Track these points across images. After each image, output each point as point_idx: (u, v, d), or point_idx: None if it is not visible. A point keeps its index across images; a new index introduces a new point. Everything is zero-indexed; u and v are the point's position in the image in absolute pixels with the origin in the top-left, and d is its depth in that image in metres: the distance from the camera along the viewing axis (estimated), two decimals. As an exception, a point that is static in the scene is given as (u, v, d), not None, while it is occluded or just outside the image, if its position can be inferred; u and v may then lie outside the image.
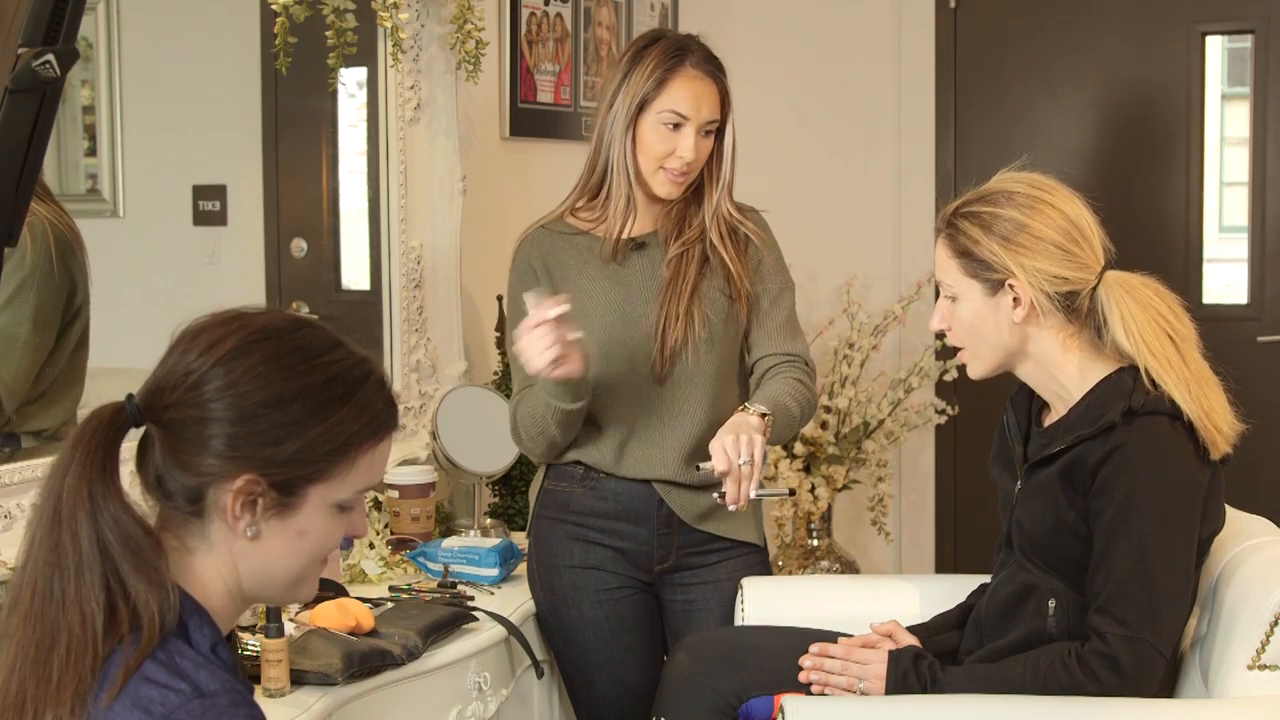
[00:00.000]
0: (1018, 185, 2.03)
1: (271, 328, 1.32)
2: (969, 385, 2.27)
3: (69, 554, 1.23)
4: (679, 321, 2.39)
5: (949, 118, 4.45)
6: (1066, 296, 1.99)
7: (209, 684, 1.22)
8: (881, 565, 4.54)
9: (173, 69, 2.82)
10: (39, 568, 1.24)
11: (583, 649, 2.48)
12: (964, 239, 2.03)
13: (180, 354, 1.30)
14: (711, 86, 2.40)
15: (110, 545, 1.24)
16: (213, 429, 1.27)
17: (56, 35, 1.67)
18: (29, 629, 1.23)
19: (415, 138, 3.07)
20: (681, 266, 2.42)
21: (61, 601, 1.23)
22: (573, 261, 2.46)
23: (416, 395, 3.09)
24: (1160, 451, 1.92)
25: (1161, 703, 1.95)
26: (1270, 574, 1.93)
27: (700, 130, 2.38)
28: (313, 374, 1.30)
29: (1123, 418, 1.93)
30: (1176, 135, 4.25)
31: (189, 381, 1.28)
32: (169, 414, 1.28)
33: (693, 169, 2.41)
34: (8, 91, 1.66)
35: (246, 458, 1.28)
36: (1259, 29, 4.17)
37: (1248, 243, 4.22)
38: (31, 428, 2.40)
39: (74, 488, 1.24)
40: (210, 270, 2.92)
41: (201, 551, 1.31)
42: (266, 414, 1.28)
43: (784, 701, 1.94)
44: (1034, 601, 2.04)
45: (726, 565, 2.47)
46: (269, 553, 1.32)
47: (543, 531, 2.51)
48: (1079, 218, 2.01)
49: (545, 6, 3.61)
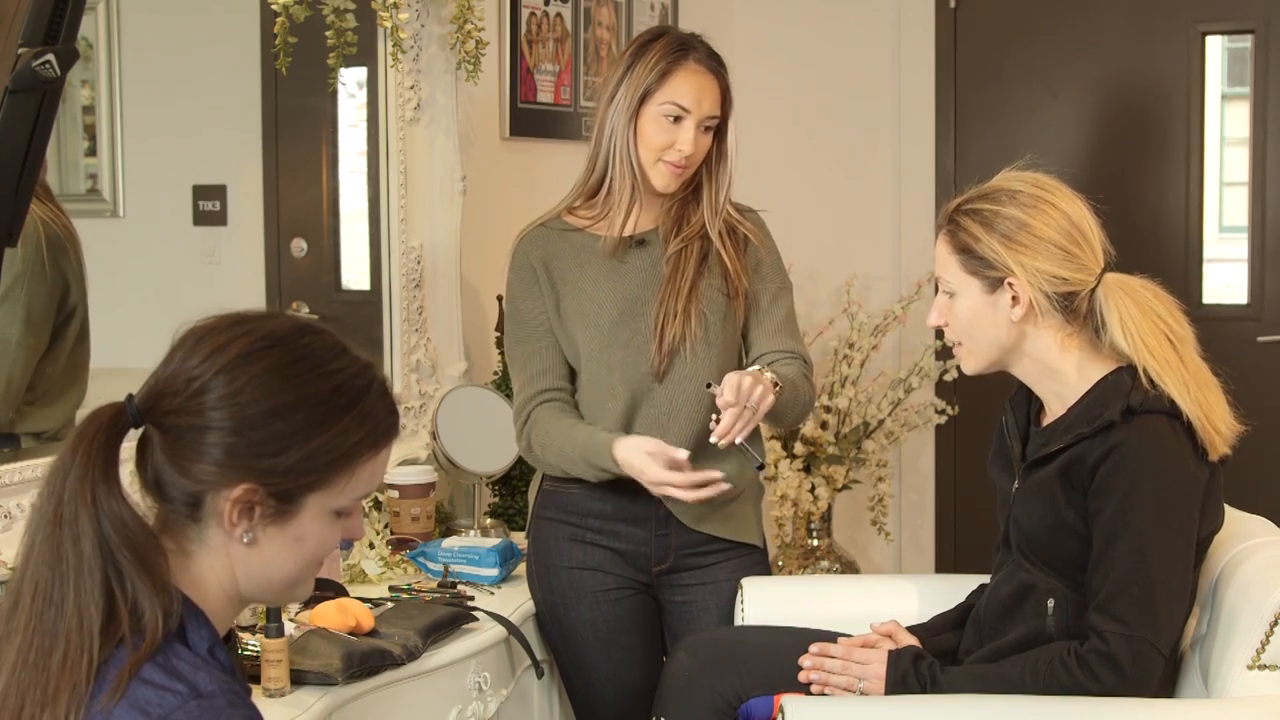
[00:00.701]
0: (1021, 184, 2.03)
1: (276, 335, 1.31)
2: (969, 385, 2.27)
3: (69, 556, 1.23)
4: (676, 319, 2.39)
5: (949, 118, 4.45)
6: (1065, 297, 1.99)
7: (207, 685, 1.21)
8: (881, 565, 4.54)
9: (173, 69, 2.82)
10: (39, 570, 1.24)
11: (581, 650, 2.48)
12: (965, 235, 2.03)
13: (183, 358, 1.29)
14: (713, 82, 2.41)
15: (113, 546, 1.23)
16: (212, 437, 1.26)
17: (56, 35, 1.67)
18: (29, 632, 1.23)
19: (415, 138, 3.07)
20: (680, 264, 2.42)
21: (61, 604, 1.22)
22: (572, 259, 2.46)
23: (416, 395, 3.09)
24: (1159, 450, 1.93)
25: (1161, 703, 1.95)
26: (1270, 574, 1.93)
27: (700, 125, 2.39)
28: (316, 383, 1.30)
29: (1122, 416, 1.94)
30: (1176, 135, 4.25)
31: (191, 388, 1.27)
32: (170, 419, 1.28)
33: (691, 163, 2.41)
34: (8, 91, 1.66)
35: (246, 467, 1.27)
36: (1259, 29, 4.17)
37: (1248, 243, 4.22)
38: (31, 429, 2.40)
39: (76, 489, 1.24)
40: (210, 270, 2.92)
41: (199, 554, 1.31)
42: (268, 424, 1.27)
43: (784, 701, 1.93)
44: (1032, 601, 2.04)
45: (725, 566, 2.47)
46: (266, 558, 1.31)
47: (541, 532, 2.51)
48: (1080, 219, 2.01)
49: (545, 6, 3.61)
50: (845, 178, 4.51)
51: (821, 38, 4.53)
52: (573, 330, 2.45)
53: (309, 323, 1.37)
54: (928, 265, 4.43)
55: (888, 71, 4.49)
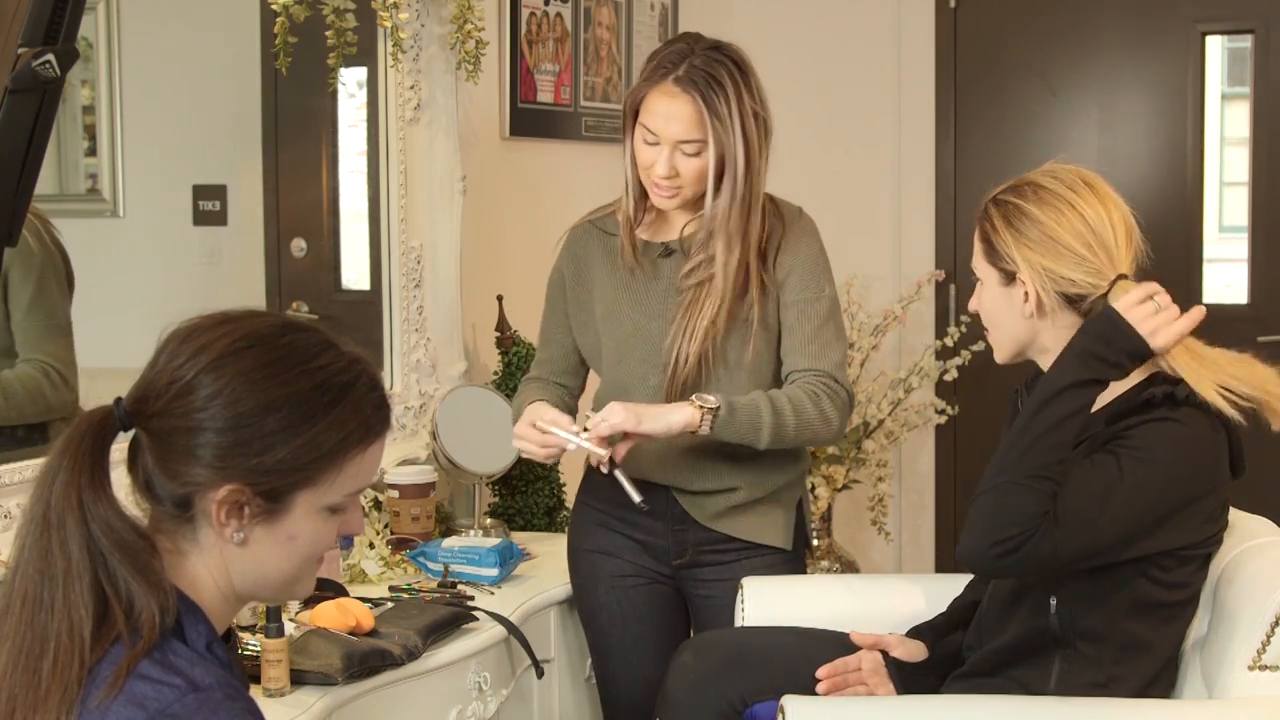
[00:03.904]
0: (1053, 181, 2.01)
1: (258, 333, 1.30)
2: (969, 385, 2.27)
3: (58, 560, 1.23)
4: (688, 363, 2.36)
5: (949, 118, 4.45)
6: (1075, 298, 1.98)
7: (204, 679, 1.21)
8: (881, 565, 4.54)
9: (173, 69, 2.82)
10: (29, 574, 1.24)
11: (598, 633, 2.54)
12: (989, 226, 2.03)
13: (167, 358, 1.29)
14: (687, 105, 2.29)
15: (102, 549, 1.23)
16: (200, 438, 1.26)
17: (56, 35, 1.67)
18: (19, 636, 1.23)
19: (415, 138, 3.07)
20: (699, 297, 2.36)
21: (50, 608, 1.22)
22: (601, 263, 2.47)
23: (416, 395, 3.09)
24: (1192, 436, 1.90)
25: (1161, 703, 1.95)
26: (1271, 574, 1.92)
27: (675, 148, 2.32)
28: (300, 380, 1.29)
29: (1165, 399, 1.92)
30: (1176, 135, 4.25)
31: (175, 389, 1.27)
32: (156, 421, 1.27)
33: (679, 184, 2.35)
34: (8, 91, 1.66)
35: (232, 467, 1.26)
36: (1259, 29, 4.17)
37: (1248, 243, 4.23)
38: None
39: (63, 493, 1.23)
40: (210, 270, 2.92)
41: (193, 554, 1.31)
42: (252, 423, 1.27)
43: (784, 701, 1.93)
44: (1031, 599, 2.03)
45: (746, 564, 2.46)
46: (259, 557, 1.31)
47: (577, 514, 2.57)
48: (1102, 224, 1.97)
49: (545, 6, 3.61)
50: (845, 177, 4.51)
51: (821, 38, 4.53)
52: (600, 331, 2.46)
53: (294, 320, 1.37)
54: (928, 265, 4.44)
55: (888, 71, 4.49)
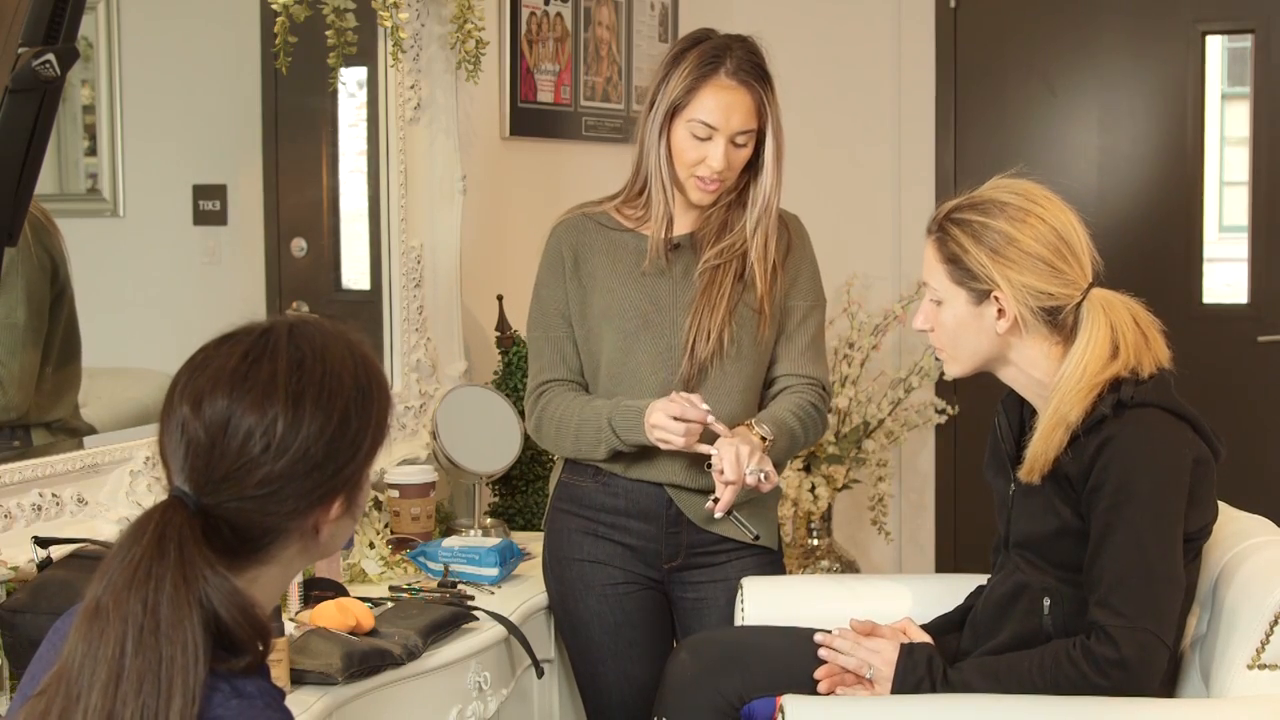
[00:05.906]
0: (1010, 195, 2.03)
1: (284, 373, 1.28)
2: (969, 385, 2.28)
3: (178, 659, 1.20)
4: (710, 339, 2.38)
5: (949, 118, 4.45)
6: (1050, 311, 2.00)
7: (246, 687, 1.24)
8: (881, 565, 4.54)
9: (173, 69, 2.82)
10: (128, 692, 1.19)
11: (588, 642, 2.50)
12: (953, 245, 2.03)
13: (206, 424, 1.26)
14: (745, 96, 2.36)
15: (221, 617, 1.23)
16: (285, 490, 1.28)
17: (56, 35, 1.67)
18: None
19: (415, 137, 3.07)
20: (718, 278, 2.40)
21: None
22: (604, 257, 2.46)
23: (416, 395, 3.09)
24: (1151, 441, 1.93)
25: (1162, 702, 1.95)
26: (1270, 573, 1.93)
27: (731, 140, 2.36)
28: (343, 393, 1.31)
29: (1113, 410, 1.94)
30: (1176, 135, 4.25)
31: (240, 466, 1.26)
32: (232, 505, 1.27)
33: (725, 177, 2.38)
34: (8, 91, 1.66)
35: (327, 490, 1.31)
36: (1259, 29, 4.17)
37: (1248, 243, 4.22)
38: (45, 419, 2.40)
39: (174, 598, 1.21)
40: (210, 270, 2.92)
41: (264, 574, 1.33)
42: (331, 446, 1.29)
43: (784, 701, 1.93)
44: (1026, 600, 2.04)
45: (737, 564, 2.47)
46: (339, 536, 1.37)
47: (556, 524, 2.54)
48: (1067, 232, 2.01)
49: (545, 6, 3.61)
50: (845, 177, 4.52)
51: (821, 38, 4.53)
52: (600, 329, 2.45)
53: (298, 324, 1.34)
54: (928, 265, 4.43)
55: (888, 71, 4.49)
